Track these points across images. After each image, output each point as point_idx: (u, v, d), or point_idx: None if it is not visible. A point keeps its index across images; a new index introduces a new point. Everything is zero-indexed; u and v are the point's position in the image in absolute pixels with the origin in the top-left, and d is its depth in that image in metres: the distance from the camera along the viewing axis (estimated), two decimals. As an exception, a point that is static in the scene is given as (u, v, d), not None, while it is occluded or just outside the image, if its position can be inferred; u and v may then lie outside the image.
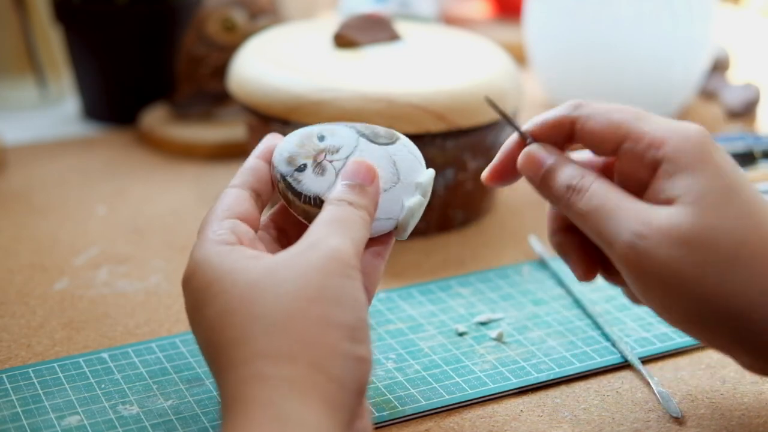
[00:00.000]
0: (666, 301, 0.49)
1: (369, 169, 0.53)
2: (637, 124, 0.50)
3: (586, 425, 0.55)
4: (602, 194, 0.49)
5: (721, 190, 0.47)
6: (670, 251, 0.47)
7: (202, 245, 0.50)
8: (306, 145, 0.54)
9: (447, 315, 0.65)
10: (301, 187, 0.53)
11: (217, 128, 0.92)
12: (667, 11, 0.89)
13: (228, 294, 0.47)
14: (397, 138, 0.55)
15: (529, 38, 0.97)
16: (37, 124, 0.98)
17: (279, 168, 0.53)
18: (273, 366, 0.44)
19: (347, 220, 0.50)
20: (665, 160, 0.48)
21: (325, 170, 0.53)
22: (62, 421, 0.54)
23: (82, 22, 0.94)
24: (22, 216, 0.79)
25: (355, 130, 0.55)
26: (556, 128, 0.52)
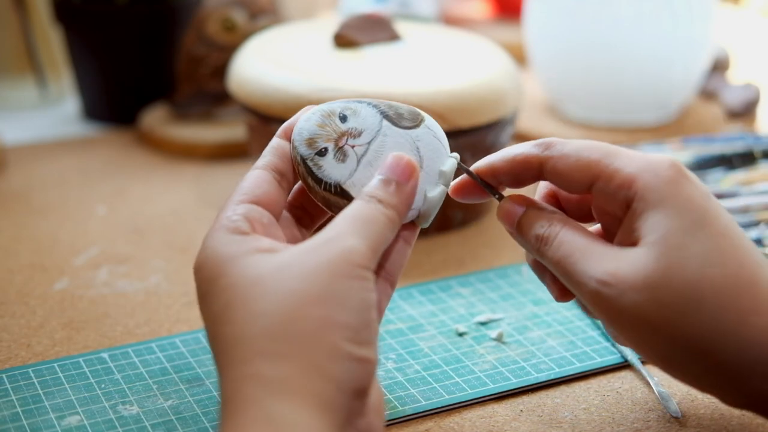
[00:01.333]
0: (638, 343, 0.49)
1: (409, 166, 0.51)
2: (608, 163, 0.49)
3: (586, 425, 0.55)
4: (568, 243, 0.50)
5: (685, 227, 0.47)
6: (634, 297, 0.47)
7: (214, 232, 0.49)
8: (327, 126, 0.52)
9: (447, 315, 0.65)
10: (322, 173, 0.51)
11: (217, 128, 0.92)
12: (667, 11, 0.89)
13: (233, 289, 0.46)
14: (422, 119, 0.53)
15: (529, 38, 0.96)
16: (37, 124, 0.98)
17: (299, 150, 0.52)
18: (269, 366, 0.44)
19: (371, 220, 0.49)
20: (636, 199, 0.48)
21: (346, 156, 0.51)
22: (62, 421, 0.54)
23: (82, 22, 0.94)
24: (22, 216, 0.79)
25: (378, 110, 0.53)
26: (523, 166, 0.52)
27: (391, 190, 0.50)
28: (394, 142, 0.52)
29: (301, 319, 0.45)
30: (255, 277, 0.46)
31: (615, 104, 0.94)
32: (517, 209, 0.52)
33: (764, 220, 0.74)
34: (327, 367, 0.44)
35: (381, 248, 0.49)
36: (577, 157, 0.50)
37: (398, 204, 0.50)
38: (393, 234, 0.50)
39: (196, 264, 0.49)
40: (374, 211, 0.49)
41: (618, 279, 0.48)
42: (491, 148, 0.74)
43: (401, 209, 0.51)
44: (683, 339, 0.47)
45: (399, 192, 0.51)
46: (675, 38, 0.90)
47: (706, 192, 0.49)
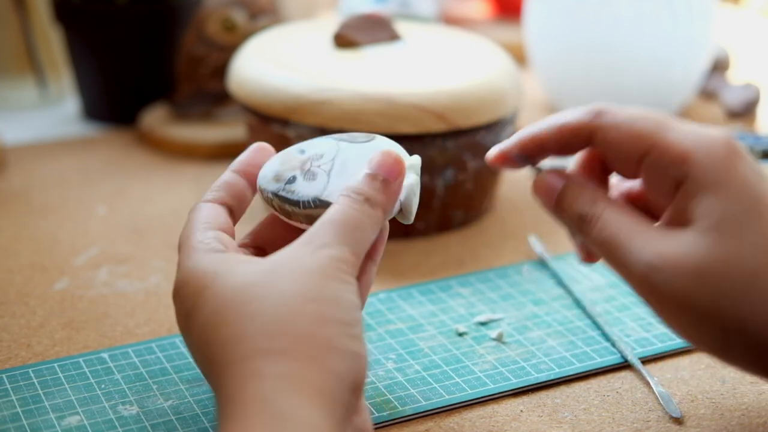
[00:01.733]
0: (687, 329, 0.48)
1: (398, 162, 0.51)
2: (662, 136, 0.48)
3: (586, 425, 0.55)
4: (614, 223, 0.48)
5: (740, 214, 0.46)
6: (686, 283, 0.46)
7: (190, 256, 0.50)
8: (288, 162, 0.53)
9: (447, 315, 0.65)
10: (297, 195, 0.52)
11: (217, 128, 0.92)
12: (667, 11, 0.89)
13: (223, 295, 0.47)
14: (374, 137, 0.54)
15: (529, 38, 0.97)
16: (37, 124, 0.98)
17: (268, 188, 0.53)
18: (269, 363, 0.44)
19: (355, 224, 0.49)
20: (688, 179, 0.47)
21: (315, 175, 0.52)
22: (62, 421, 0.54)
23: (82, 22, 0.94)
24: (22, 216, 0.79)
25: (331, 138, 0.54)
26: (575, 135, 0.50)
27: (378, 187, 0.50)
28: (355, 154, 0.53)
29: (297, 316, 0.45)
30: (244, 283, 0.47)
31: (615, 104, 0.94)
32: (557, 183, 0.51)
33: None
34: (326, 360, 0.44)
35: (363, 252, 0.49)
36: (631, 127, 0.48)
37: (384, 202, 0.50)
38: (376, 234, 0.50)
39: (175, 288, 0.50)
40: (359, 214, 0.49)
41: (669, 263, 0.46)
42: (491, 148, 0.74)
43: (387, 207, 0.51)
44: (737, 328, 0.46)
45: (386, 189, 0.51)
46: (675, 38, 0.90)
47: (760, 173, 0.47)
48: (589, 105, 0.50)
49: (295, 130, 0.72)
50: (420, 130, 0.71)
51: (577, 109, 0.51)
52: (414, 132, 0.70)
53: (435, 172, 0.73)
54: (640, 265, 0.47)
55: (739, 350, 0.48)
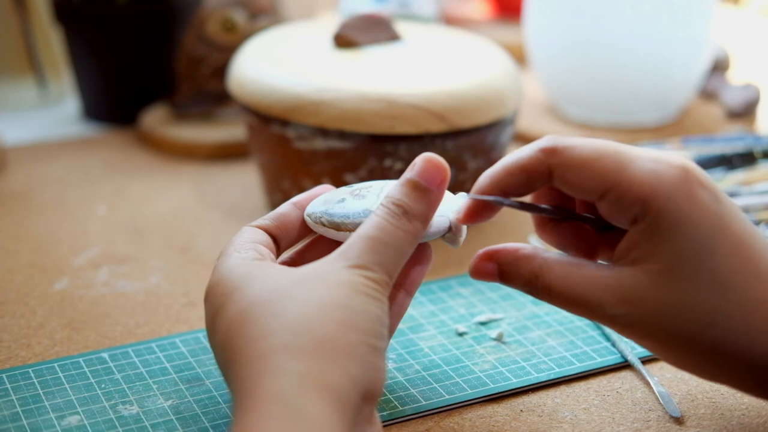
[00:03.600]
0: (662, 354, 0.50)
1: (440, 168, 0.49)
2: (621, 176, 0.47)
3: (586, 425, 0.55)
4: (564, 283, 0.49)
5: (695, 257, 0.47)
6: (650, 322, 0.48)
7: (227, 260, 0.50)
8: (337, 193, 0.54)
9: (447, 315, 0.65)
10: (347, 209, 0.52)
11: (217, 128, 0.92)
12: (667, 11, 0.89)
13: (250, 297, 0.47)
14: None
15: (529, 38, 0.97)
16: (37, 124, 0.98)
17: (316, 211, 0.53)
18: (289, 359, 0.44)
19: (392, 243, 0.48)
20: (645, 219, 0.47)
21: (364, 197, 0.52)
22: (62, 421, 0.54)
23: (82, 22, 0.94)
24: (22, 216, 0.79)
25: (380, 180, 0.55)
26: (529, 175, 0.49)
27: (418, 196, 0.49)
28: None
29: (323, 320, 0.45)
30: (273, 286, 0.47)
31: (615, 104, 0.94)
32: (490, 269, 0.51)
33: (764, 220, 0.74)
34: (345, 364, 0.45)
35: (398, 269, 0.49)
36: (590, 168, 0.48)
37: (423, 213, 0.49)
38: (413, 248, 0.49)
39: (208, 288, 0.50)
40: (396, 231, 0.48)
41: (633, 306, 0.48)
42: (491, 148, 0.74)
43: (426, 218, 0.49)
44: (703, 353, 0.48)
45: (426, 199, 0.49)
46: (675, 38, 0.90)
47: (720, 200, 0.48)
48: (541, 140, 0.50)
49: (295, 130, 0.72)
50: (420, 131, 0.71)
51: (529, 147, 0.50)
52: (414, 132, 0.70)
53: None
54: (603, 312, 0.48)
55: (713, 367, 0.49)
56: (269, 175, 0.77)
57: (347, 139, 0.71)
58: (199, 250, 0.74)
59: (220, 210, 0.80)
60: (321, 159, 0.72)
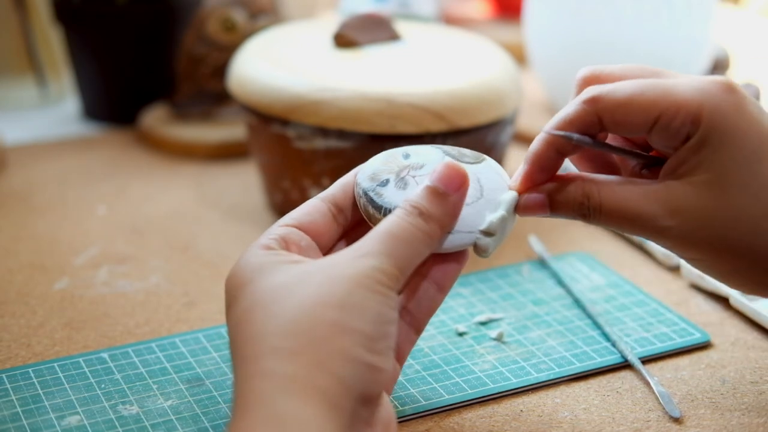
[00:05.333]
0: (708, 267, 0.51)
1: (459, 174, 0.50)
2: (669, 101, 0.49)
3: (586, 425, 0.55)
4: (616, 199, 0.50)
5: (744, 164, 0.49)
6: (702, 233, 0.49)
7: (248, 249, 0.50)
8: (390, 162, 0.53)
9: (447, 315, 0.65)
10: (382, 200, 0.51)
11: (217, 128, 0.92)
12: (667, 11, 0.89)
13: (257, 293, 0.47)
14: (484, 159, 0.53)
15: (529, 38, 0.96)
16: (37, 124, 0.98)
17: (361, 184, 0.52)
18: (279, 362, 0.44)
19: (405, 240, 0.48)
20: (696, 134, 0.49)
21: (407, 184, 0.52)
22: (62, 421, 0.54)
23: (82, 22, 0.94)
24: (22, 216, 0.79)
25: (441, 150, 0.53)
26: (584, 125, 0.51)
27: (436, 200, 0.49)
28: None
29: (316, 320, 0.45)
30: (278, 283, 0.47)
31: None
32: (538, 199, 0.52)
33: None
34: (335, 367, 0.44)
35: (411, 268, 0.48)
36: (635, 103, 0.49)
37: (441, 216, 0.49)
38: (430, 250, 0.49)
39: (229, 274, 0.50)
40: (411, 228, 0.48)
41: (684, 217, 0.49)
42: (491, 148, 0.74)
43: (444, 222, 0.49)
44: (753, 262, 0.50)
45: (444, 203, 0.49)
46: (675, 38, 0.90)
47: (764, 114, 0.50)
48: (582, 93, 0.51)
49: (295, 129, 0.72)
50: (420, 130, 0.71)
51: (573, 102, 0.51)
52: (414, 132, 0.70)
53: None
54: (655, 225, 0.50)
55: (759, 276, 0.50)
56: (269, 175, 0.77)
57: (347, 139, 0.71)
58: (199, 249, 0.74)
59: (220, 210, 0.80)
60: (321, 158, 0.72)
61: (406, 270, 0.48)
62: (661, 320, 0.64)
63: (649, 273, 0.71)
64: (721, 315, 0.66)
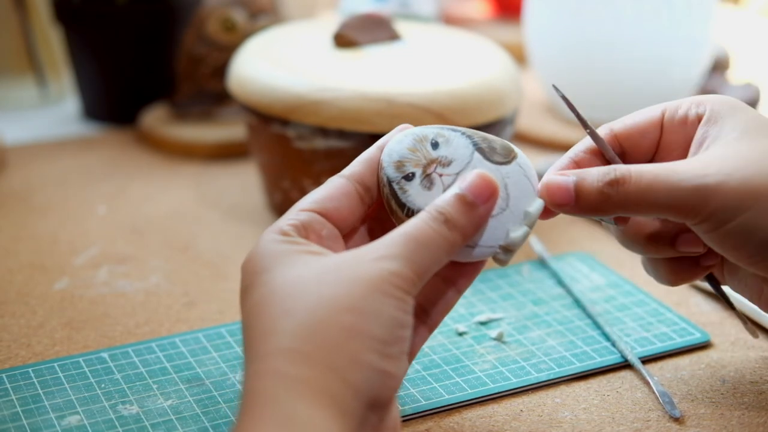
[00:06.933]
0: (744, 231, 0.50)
1: (490, 186, 0.49)
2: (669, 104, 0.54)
3: (586, 425, 0.55)
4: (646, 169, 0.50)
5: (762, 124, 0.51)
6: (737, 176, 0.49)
7: (267, 232, 0.49)
8: (418, 151, 0.51)
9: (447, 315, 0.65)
10: (407, 198, 0.50)
11: (217, 128, 0.92)
12: (667, 11, 0.89)
13: (273, 285, 0.46)
14: (514, 156, 0.52)
15: (529, 38, 0.97)
16: (37, 124, 0.98)
17: (387, 171, 0.51)
18: (290, 364, 0.44)
19: (427, 245, 0.47)
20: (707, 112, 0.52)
21: (433, 184, 0.50)
22: (62, 420, 0.54)
23: (82, 22, 0.94)
24: (22, 216, 0.79)
25: (471, 141, 0.51)
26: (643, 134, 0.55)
27: (463, 209, 0.49)
28: None
29: (329, 324, 0.44)
30: (295, 277, 0.46)
31: (615, 104, 0.94)
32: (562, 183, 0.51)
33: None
34: (346, 372, 0.44)
35: (430, 273, 0.48)
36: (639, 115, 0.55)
37: (466, 226, 0.49)
38: (449, 258, 0.49)
39: (247, 257, 0.49)
40: (435, 235, 0.48)
41: (718, 166, 0.49)
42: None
43: (468, 232, 0.49)
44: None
45: (471, 213, 0.49)
46: (675, 38, 0.90)
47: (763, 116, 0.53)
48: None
49: (295, 129, 0.72)
50: (420, 130, 0.71)
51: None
52: (414, 132, 0.70)
53: None
54: (691, 183, 0.49)
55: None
56: (269, 175, 0.77)
57: (347, 139, 0.71)
58: (199, 249, 0.74)
59: (220, 210, 0.80)
60: (321, 158, 0.72)
61: (424, 276, 0.47)
62: (661, 320, 0.64)
63: (649, 273, 0.71)
64: (721, 315, 0.66)
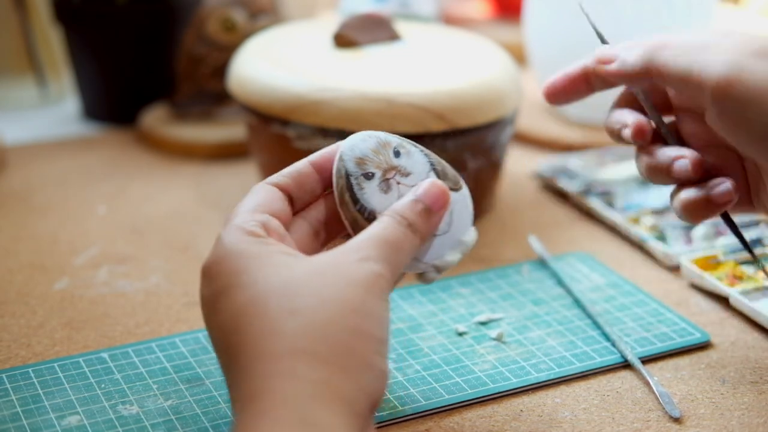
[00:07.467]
0: None
1: (444, 195, 0.52)
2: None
3: (586, 425, 0.55)
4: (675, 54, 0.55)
5: None
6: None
7: (232, 233, 0.49)
8: (380, 154, 0.52)
9: (447, 315, 0.65)
10: (362, 194, 0.51)
11: (217, 128, 0.92)
12: (666, 11, 0.89)
13: (260, 285, 0.46)
14: (461, 186, 0.54)
15: (529, 38, 0.96)
16: (37, 124, 0.98)
17: (347, 164, 0.52)
18: (304, 365, 0.44)
19: (398, 247, 0.49)
20: None
21: (390, 189, 0.52)
22: (62, 420, 0.54)
23: (82, 22, 0.94)
24: (22, 216, 0.79)
25: (428, 160, 0.53)
26: None
27: (422, 215, 0.50)
28: None
29: (338, 325, 0.45)
30: (287, 277, 0.46)
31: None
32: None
33: (764, 220, 0.74)
34: (359, 376, 0.45)
35: (398, 276, 0.50)
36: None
37: (425, 231, 0.51)
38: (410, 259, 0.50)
39: (211, 261, 0.48)
40: (402, 237, 0.49)
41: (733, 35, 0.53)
42: (491, 148, 0.74)
43: (425, 237, 0.51)
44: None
45: (428, 219, 0.51)
46: (675, 38, 0.90)
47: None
48: None
49: (295, 129, 0.72)
50: (420, 130, 0.71)
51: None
52: (414, 132, 0.70)
53: None
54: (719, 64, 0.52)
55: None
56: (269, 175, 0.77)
57: (347, 139, 0.71)
58: (199, 249, 0.74)
59: (220, 210, 0.80)
60: (321, 159, 0.72)
61: (396, 278, 0.49)
62: (661, 320, 0.64)
63: (649, 273, 0.71)
64: (721, 315, 0.66)
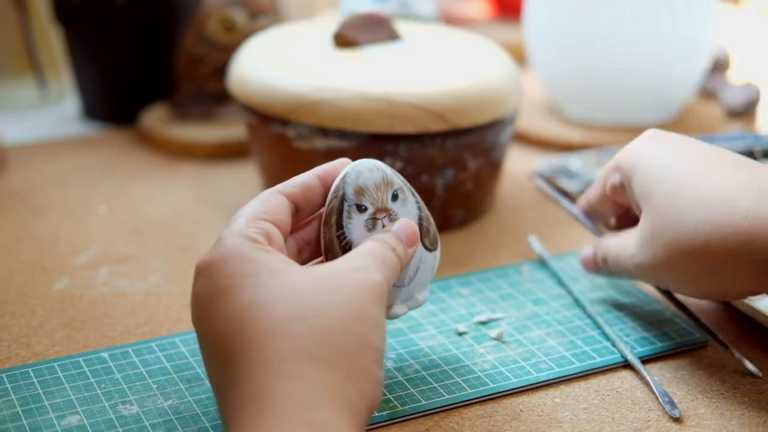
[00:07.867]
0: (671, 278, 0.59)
1: (415, 237, 0.54)
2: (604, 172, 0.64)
3: (586, 425, 0.55)
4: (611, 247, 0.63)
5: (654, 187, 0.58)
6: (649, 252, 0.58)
7: (234, 236, 0.49)
8: (380, 191, 0.54)
9: (447, 315, 0.65)
10: (348, 223, 0.53)
11: (217, 128, 0.92)
12: (667, 11, 0.89)
13: (267, 288, 0.47)
14: (436, 248, 0.57)
15: (529, 38, 0.96)
16: (37, 124, 0.98)
17: (347, 188, 0.54)
18: (312, 368, 0.44)
19: (390, 264, 0.51)
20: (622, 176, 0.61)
21: (374, 228, 0.54)
22: (62, 420, 0.54)
23: (82, 22, 0.94)
24: (22, 216, 0.79)
25: (419, 214, 0.56)
26: None
27: (403, 248, 0.53)
28: None
29: (345, 332, 0.46)
30: (291, 283, 0.47)
31: (615, 104, 0.94)
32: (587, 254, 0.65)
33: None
34: (361, 382, 0.45)
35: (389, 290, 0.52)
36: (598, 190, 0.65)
37: (404, 260, 0.53)
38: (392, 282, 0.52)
39: (210, 261, 0.49)
40: (390, 255, 0.52)
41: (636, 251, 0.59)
42: (491, 148, 0.74)
43: (403, 265, 0.53)
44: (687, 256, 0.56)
45: (406, 252, 0.54)
46: (675, 38, 0.90)
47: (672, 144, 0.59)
48: None
49: (294, 129, 0.72)
50: (420, 130, 0.71)
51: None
52: (414, 132, 0.70)
53: (435, 172, 0.73)
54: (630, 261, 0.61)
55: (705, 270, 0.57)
56: (269, 175, 0.77)
57: (347, 139, 0.71)
58: (199, 249, 0.74)
59: (220, 210, 0.80)
60: (321, 158, 0.72)
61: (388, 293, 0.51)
62: (661, 320, 0.64)
63: (649, 273, 0.71)
64: (721, 315, 0.66)
